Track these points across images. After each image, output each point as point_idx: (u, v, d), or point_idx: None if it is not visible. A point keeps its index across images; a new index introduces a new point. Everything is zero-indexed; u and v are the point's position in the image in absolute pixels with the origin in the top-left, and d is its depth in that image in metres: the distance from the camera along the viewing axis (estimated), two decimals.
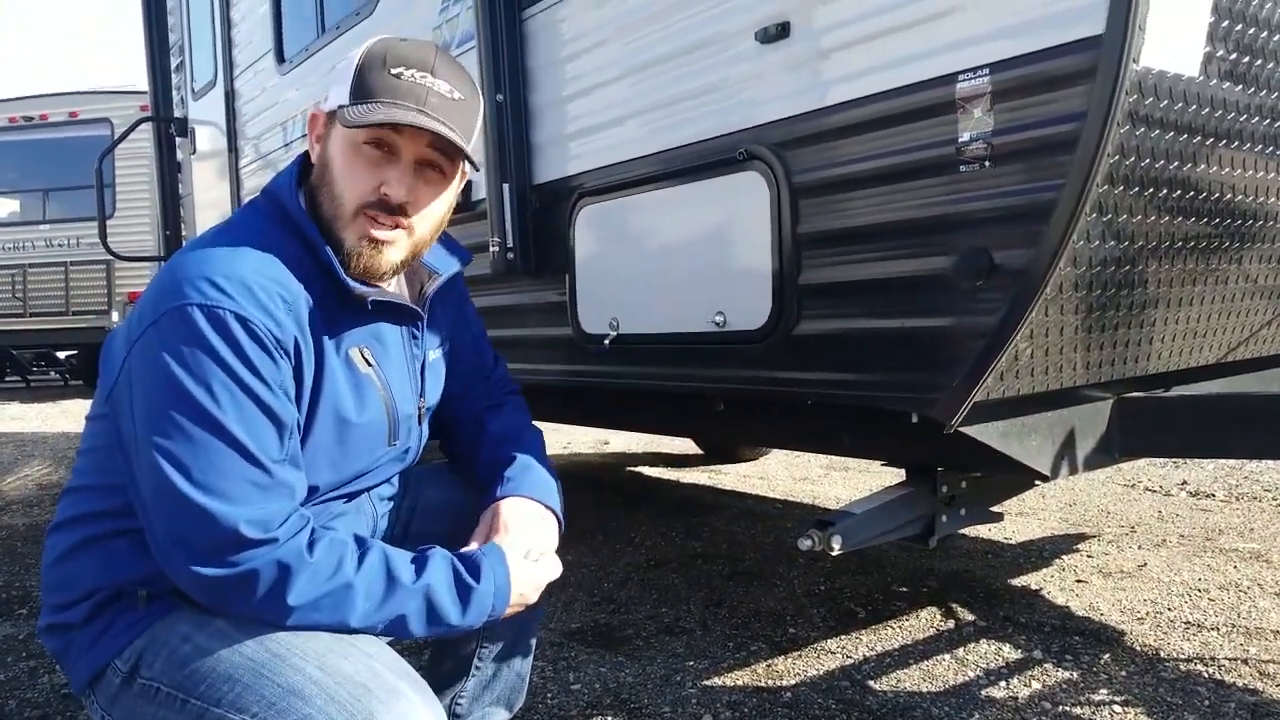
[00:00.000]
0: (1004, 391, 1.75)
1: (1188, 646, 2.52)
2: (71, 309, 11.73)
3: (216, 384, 1.22)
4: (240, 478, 1.23)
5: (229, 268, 1.27)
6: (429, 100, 1.35)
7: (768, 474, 5.29)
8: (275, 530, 1.23)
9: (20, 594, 3.38)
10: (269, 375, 1.26)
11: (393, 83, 1.34)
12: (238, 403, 1.23)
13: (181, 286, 1.25)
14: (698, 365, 2.35)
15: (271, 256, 1.33)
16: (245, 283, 1.26)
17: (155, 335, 1.25)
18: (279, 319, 1.28)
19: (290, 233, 1.39)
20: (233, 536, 1.20)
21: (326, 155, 1.40)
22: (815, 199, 1.98)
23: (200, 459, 1.21)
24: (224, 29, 4.95)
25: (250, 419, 1.24)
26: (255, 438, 1.24)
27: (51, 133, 11.83)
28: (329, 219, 1.38)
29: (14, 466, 6.45)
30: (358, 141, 1.36)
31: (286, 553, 1.23)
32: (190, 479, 1.21)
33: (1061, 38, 1.54)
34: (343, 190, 1.37)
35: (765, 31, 2.03)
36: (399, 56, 1.36)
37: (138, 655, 1.31)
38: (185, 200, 5.71)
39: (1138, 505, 4.12)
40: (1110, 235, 1.67)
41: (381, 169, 1.36)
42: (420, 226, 1.41)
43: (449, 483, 1.72)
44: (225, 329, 1.23)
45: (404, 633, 1.32)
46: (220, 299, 1.24)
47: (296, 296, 1.32)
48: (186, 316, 1.23)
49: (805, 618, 2.85)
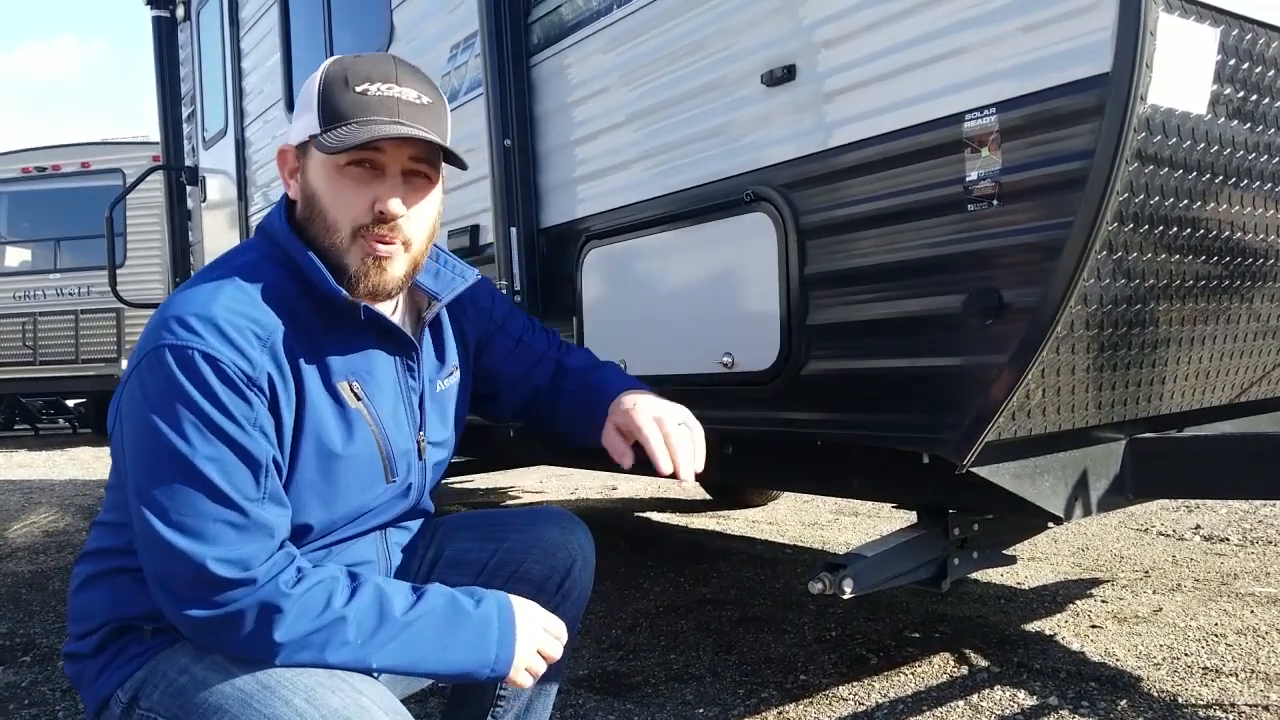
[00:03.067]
0: (1016, 431, 1.73)
1: (1206, 692, 2.47)
2: (81, 357, 11.77)
3: (187, 425, 1.23)
4: (214, 518, 1.23)
5: (202, 306, 1.28)
6: (402, 110, 1.35)
7: (776, 519, 5.24)
8: (254, 570, 1.23)
9: (24, 641, 3.35)
10: (240, 414, 1.25)
11: (362, 100, 1.34)
12: (209, 442, 1.23)
13: (159, 329, 1.27)
14: (706, 406, 2.32)
15: (249, 293, 1.32)
16: (215, 321, 1.26)
17: (137, 379, 1.27)
18: (250, 356, 1.27)
19: (279, 264, 1.38)
20: (208, 576, 1.21)
21: (309, 187, 1.39)
22: (823, 239, 1.98)
23: (176, 500, 1.22)
24: (235, 78, 5.01)
25: (222, 459, 1.24)
26: (228, 477, 1.24)
27: (64, 183, 11.95)
28: (326, 249, 1.37)
29: (21, 513, 6.43)
30: (340, 165, 1.35)
31: (268, 593, 1.23)
32: (167, 520, 1.22)
33: (1068, 76, 1.54)
34: (336, 216, 1.36)
35: (771, 74, 2.05)
36: (360, 73, 1.36)
37: (138, 686, 1.32)
38: (195, 248, 5.74)
39: (1151, 549, 4.07)
40: (1120, 273, 1.66)
41: (370, 186, 1.36)
42: (416, 236, 1.41)
43: (477, 535, 1.69)
44: (193, 369, 1.23)
45: (402, 667, 1.30)
46: (189, 339, 1.25)
47: (272, 331, 1.31)
48: (161, 359, 1.25)
49: (816, 664, 2.81)
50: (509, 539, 1.67)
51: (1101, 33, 1.50)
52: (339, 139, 1.32)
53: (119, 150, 11.90)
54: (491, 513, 1.81)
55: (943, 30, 1.73)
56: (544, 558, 1.65)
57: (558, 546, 1.66)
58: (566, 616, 1.59)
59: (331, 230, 1.37)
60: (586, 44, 2.60)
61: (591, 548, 1.71)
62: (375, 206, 1.35)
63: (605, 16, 2.53)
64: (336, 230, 1.36)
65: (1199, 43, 1.60)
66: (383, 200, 1.35)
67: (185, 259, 5.69)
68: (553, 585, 1.64)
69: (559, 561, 1.65)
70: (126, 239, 10.88)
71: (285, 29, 4.40)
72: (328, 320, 1.38)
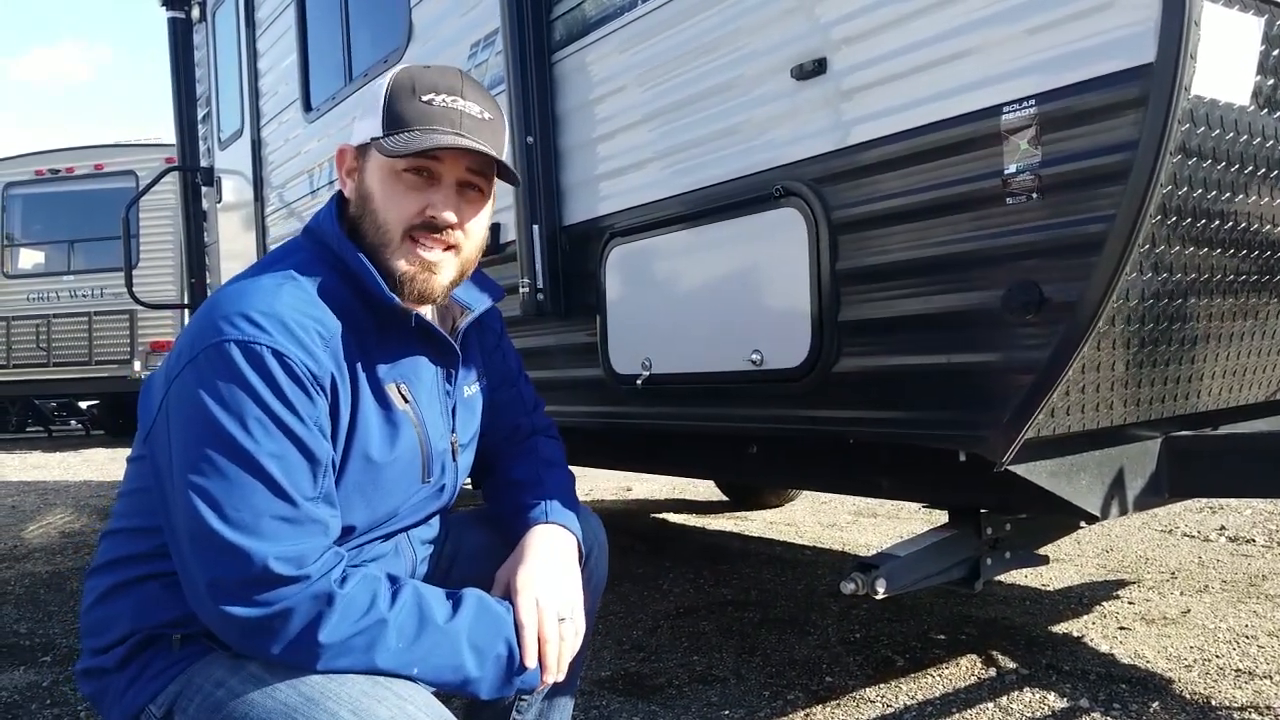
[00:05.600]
0: (1054, 429, 1.70)
1: (1240, 695, 2.44)
2: (95, 359, 11.82)
3: (251, 419, 1.21)
4: (272, 514, 1.20)
5: (266, 304, 1.26)
6: (464, 123, 1.37)
7: (795, 520, 5.21)
8: (308, 567, 1.21)
9: (44, 641, 3.34)
10: (304, 411, 1.24)
11: (426, 109, 1.36)
12: (272, 437, 1.21)
13: (219, 324, 1.24)
14: (733, 405, 2.32)
15: (310, 293, 1.33)
16: (282, 319, 1.25)
17: (193, 373, 1.24)
18: (316, 355, 1.27)
19: (330, 268, 1.38)
20: (264, 574, 1.18)
21: (364, 187, 1.40)
22: (855, 234, 1.95)
23: (233, 495, 1.19)
24: (251, 79, 5.01)
25: (285, 454, 1.22)
26: (289, 474, 1.22)
27: (77, 185, 12.02)
28: (375, 248, 1.38)
29: (37, 514, 6.44)
30: (397, 169, 1.37)
31: (320, 589, 1.21)
32: (223, 516, 1.19)
33: (1111, 67, 1.51)
34: (387, 216, 1.38)
35: (801, 68, 2.02)
36: (428, 83, 1.38)
37: (172, 700, 1.28)
38: (210, 249, 5.75)
39: (1177, 551, 4.03)
40: (1162, 268, 1.64)
41: (424, 193, 1.38)
42: (467, 246, 1.43)
43: (491, 528, 1.68)
44: (262, 365, 1.22)
45: (436, 676, 1.27)
46: (257, 335, 1.23)
47: (334, 333, 1.31)
48: (224, 353, 1.22)
49: (842, 666, 2.78)
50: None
51: (1145, 23, 1.48)
52: (401, 144, 1.34)
53: (132, 152, 11.96)
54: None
55: (980, 21, 1.70)
56: None
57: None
58: (587, 606, 1.60)
59: (381, 230, 1.38)
60: (610, 40, 2.58)
61: (605, 535, 1.73)
62: (427, 212, 1.37)
63: (629, 12, 2.50)
64: (387, 230, 1.38)
65: (1243, 33, 1.57)
66: (436, 208, 1.37)
67: (201, 259, 5.70)
68: None
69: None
70: (139, 240, 10.91)
71: (301, 29, 4.40)
72: (378, 324, 1.39)
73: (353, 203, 1.43)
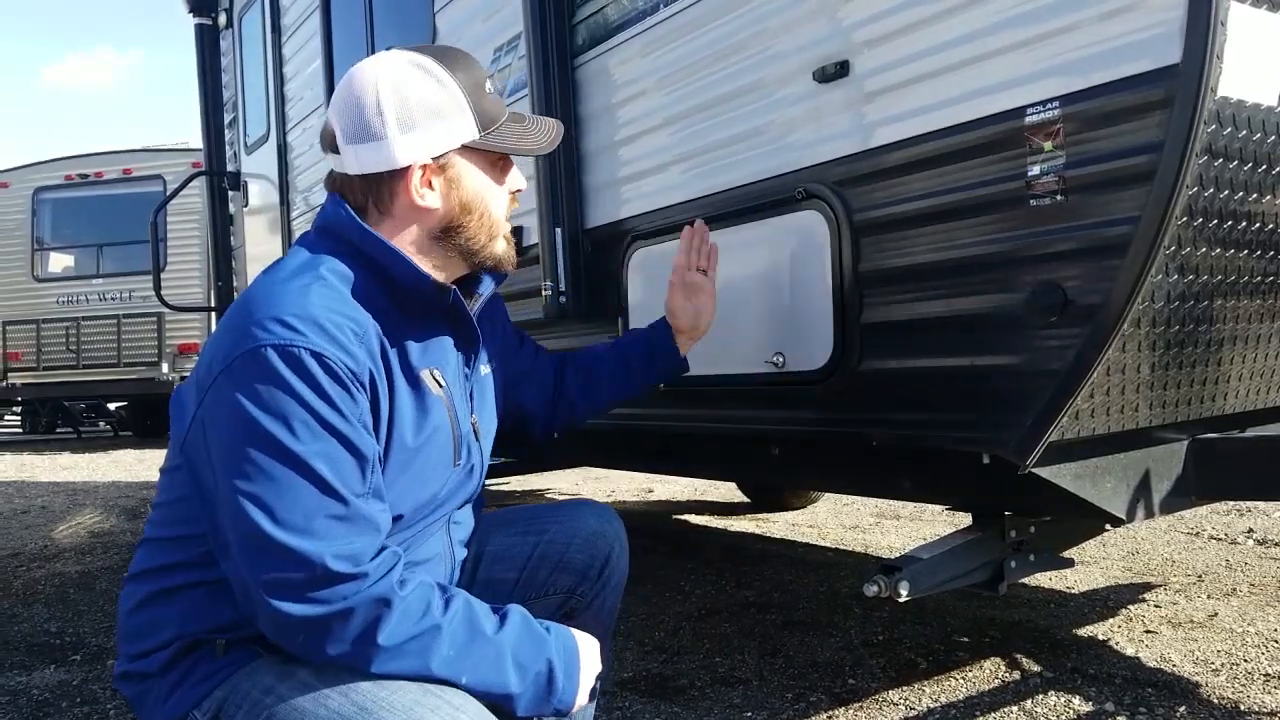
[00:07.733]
0: (1079, 431, 1.70)
1: (1269, 700, 2.41)
2: (123, 361, 11.95)
3: (296, 421, 1.20)
4: (325, 514, 1.20)
5: (299, 306, 1.26)
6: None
7: (817, 522, 5.20)
8: (365, 565, 1.21)
9: (74, 640, 3.39)
10: (347, 409, 1.25)
11: (496, 101, 1.46)
12: (318, 438, 1.21)
13: (252, 330, 1.24)
14: (755, 407, 2.32)
15: (339, 290, 1.33)
16: (316, 320, 1.26)
17: (229, 380, 1.23)
18: (353, 352, 1.27)
19: (351, 261, 1.38)
20: (322, 573, 1.18)
21: (465, 192, 1.44)
22: (878, 236, 1.95)
23: (285, 498, 1.19)
24: (277, 84, 5.05)
25: (332, 453, 1.22)
26: (338, 472, 1.22)
27: (106, 189, 12.16)
28: (478, 248, 1.46)
29: (66, 514, 6.52)
30: (493, 162, 1.46)
31: (381, 589, 1.21)
32: (275, 519, 1.18)
33: (1136, 68, 1.51)
34: (498, 212, 1.48)
35: (823, 71, 2.02)
36: (479, 75, 1.47)
37: (218, 706, 1.28)
38: (237, 252, 5.80)
39: (1203, 554, 4.00)
40: (1188, 269, 1.63)
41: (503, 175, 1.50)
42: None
43: (517, 530, 1.71)
44: (302, 366, 1.22)
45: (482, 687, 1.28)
46: (293, 337, 1.23)
47: (367, 329, 1.32)
48: (261, 357, 1.22)
49: (865, 668, 2.78)
50: (548, 531, 1.72)
51: (1171, 24, 1.47)
52: (530, 138, 1.48)
53: (160, 157, 12.10)
54: (526, 508, 1.85)
55: (1004, 23, 1.70)
56: (585, 546, 1.70)
57: (596, 535, 1.71)
58: (608, 604, 1.64)
59: (494, 225, 1.47)
60: (632, 44, 2.59)
61: (624, 533, 1.77)
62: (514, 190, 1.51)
63: (651, 16, 2.51)
64: (496, 224, 1.47)
65: (1271, 33, 1.56)
66: (515, 182, 1.51)
67: (228, 263, 5.74)
68: (594, 572, 1.70)
69: (599, 549, 1.71)
70: (167, 244, 11.03)
71: (327, 35, 4.42)
72: (406, 312, 1.41)
73: (442, 211, 1.42)
